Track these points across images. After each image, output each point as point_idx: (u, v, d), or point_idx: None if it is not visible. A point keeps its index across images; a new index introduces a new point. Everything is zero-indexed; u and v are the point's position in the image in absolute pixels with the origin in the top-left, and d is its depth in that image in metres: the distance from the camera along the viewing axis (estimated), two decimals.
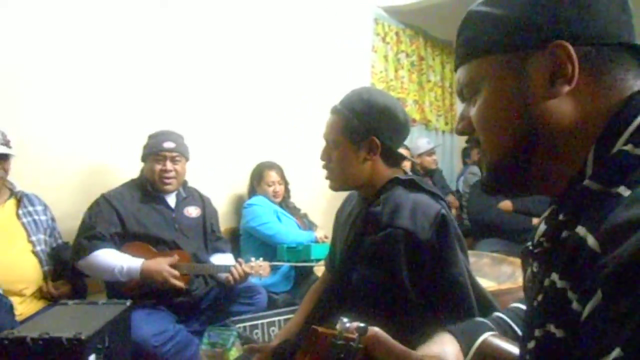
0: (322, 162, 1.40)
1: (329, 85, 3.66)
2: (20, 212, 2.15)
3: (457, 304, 1.18)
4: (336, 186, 1.40)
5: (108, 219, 2.21)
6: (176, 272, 2.14)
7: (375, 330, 0.62)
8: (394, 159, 1.36)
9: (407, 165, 3.78)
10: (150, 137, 2.42)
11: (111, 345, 1.37)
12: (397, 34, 4.49)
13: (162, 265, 2.13)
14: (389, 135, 1.32)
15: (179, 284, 2.15)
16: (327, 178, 1.40)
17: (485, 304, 1.24)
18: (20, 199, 2.18)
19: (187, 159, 2.44)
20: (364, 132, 1.30)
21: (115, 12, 2.66)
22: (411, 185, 1.31)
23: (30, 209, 2.20)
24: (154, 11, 2.82)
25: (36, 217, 2.19)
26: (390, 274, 1.20)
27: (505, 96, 0.59)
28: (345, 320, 0.63)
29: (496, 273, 2.48)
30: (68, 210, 2.41)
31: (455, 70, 0.68)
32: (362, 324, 0.62)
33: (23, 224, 2.14)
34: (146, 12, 2.79)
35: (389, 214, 1.23)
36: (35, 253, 2.13)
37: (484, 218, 3.72)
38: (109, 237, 2.18)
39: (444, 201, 1.30)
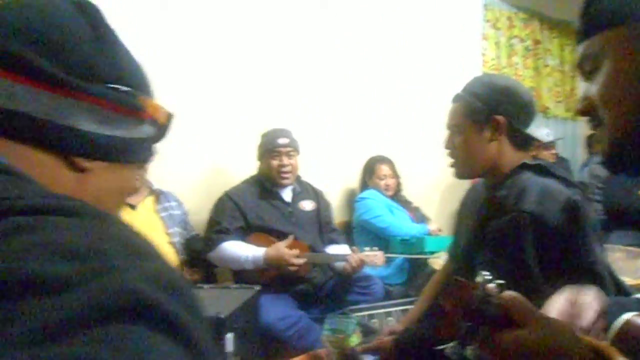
0: (447, 151, 1.38)
1: (438, 76, 3.60)
2: (158, 207, 2.38)
3: None
4: (461, 172, 1.37)
5: (232, 214, 2.38)
6: (294, 251, 2.26)
7: (515, 292, 0.62)
8: (522, 141, 1.30)
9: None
10: (264, 135, 2.56)
11: (244, 325, 1.48)
12: (509, 18, 4.28)
13: (281, 249, 2.26)
14: (513, 114, 1.27)
15: (299, 261, 2.26)
16: (451, 165, 1.38)
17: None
18: (158, 195, 2.41)
19: (299, 153, 2.56)
20: (487, 111, 1.27)
21: (233, 17, 2.84)
22: (541, 170, 1.26)
23: (167, 204, 2.43)
24: (264, 13, 2.97)
25: (172, 212, 2.42)
26: (516, 259, 1.16)
27: (628, 70, 0.58)
28: (485, 273, 0.63)
29: (631, 267, 2.28)
30: (196, 206, 2.62)
31: (577, 45, 0.66)
32: (502, 281, 0.62)
33: (161, 218, 2.37)
34: (256, 14, 2.94)
35: (515, 198, 1.19)
36: (171, 244, 2.35)
37: (623, 208, 3.41)
38: (233, 230, 2.35)
39: (578, 189, 1.23)
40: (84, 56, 0.50)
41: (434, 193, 3.59)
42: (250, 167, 2.65)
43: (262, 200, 2.48)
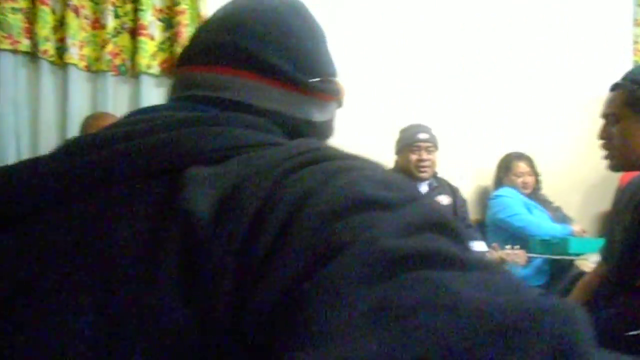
0: (601, 142, 1.34)
1: (582, 67, 3.39)
2: None
3: None
4: (617, 164, 1.32)
5: None
6: None
7: None
8: None
9: None
10: (403, 130, 2.63)
11: None
12: None
13: None
14: None
15: None
16: (605, 157, 1.33)
17: None
18: None
19: (437, 149, 2.59)
20: None
21: (375, 14, 2.94)
22: None
23: None
24: (403, 11, 3.02)
25: None
26: None
27: None
28: None
29: None
30: None
31: None
32: None
33: None
34: (394, 12, 3.01)
35: None
36: None
37: None
38: None
39: None
40: (309, 56, 0.59)
41: (575, 193, 3.37)
42: (386, 161, 2.72)
43: None
